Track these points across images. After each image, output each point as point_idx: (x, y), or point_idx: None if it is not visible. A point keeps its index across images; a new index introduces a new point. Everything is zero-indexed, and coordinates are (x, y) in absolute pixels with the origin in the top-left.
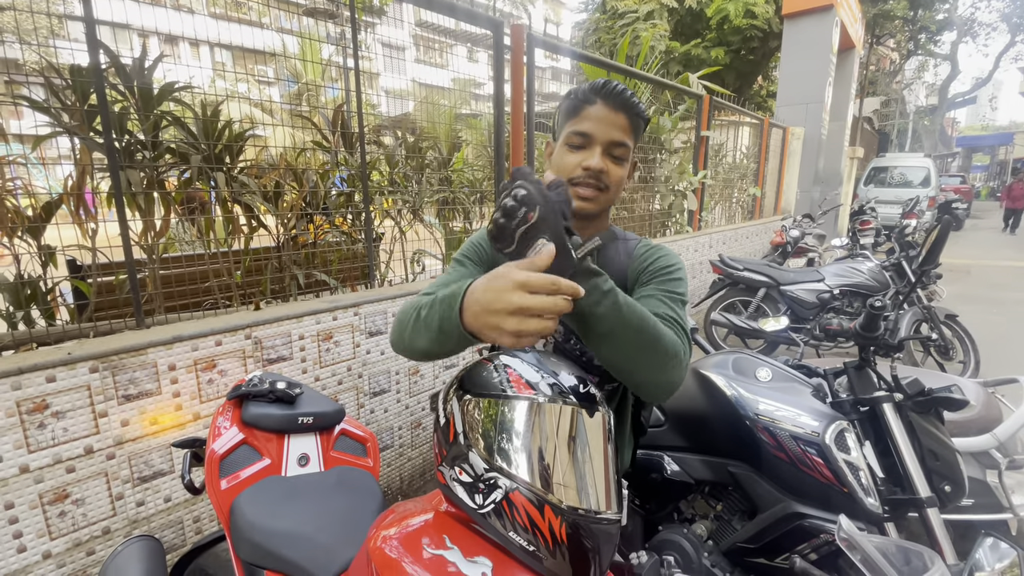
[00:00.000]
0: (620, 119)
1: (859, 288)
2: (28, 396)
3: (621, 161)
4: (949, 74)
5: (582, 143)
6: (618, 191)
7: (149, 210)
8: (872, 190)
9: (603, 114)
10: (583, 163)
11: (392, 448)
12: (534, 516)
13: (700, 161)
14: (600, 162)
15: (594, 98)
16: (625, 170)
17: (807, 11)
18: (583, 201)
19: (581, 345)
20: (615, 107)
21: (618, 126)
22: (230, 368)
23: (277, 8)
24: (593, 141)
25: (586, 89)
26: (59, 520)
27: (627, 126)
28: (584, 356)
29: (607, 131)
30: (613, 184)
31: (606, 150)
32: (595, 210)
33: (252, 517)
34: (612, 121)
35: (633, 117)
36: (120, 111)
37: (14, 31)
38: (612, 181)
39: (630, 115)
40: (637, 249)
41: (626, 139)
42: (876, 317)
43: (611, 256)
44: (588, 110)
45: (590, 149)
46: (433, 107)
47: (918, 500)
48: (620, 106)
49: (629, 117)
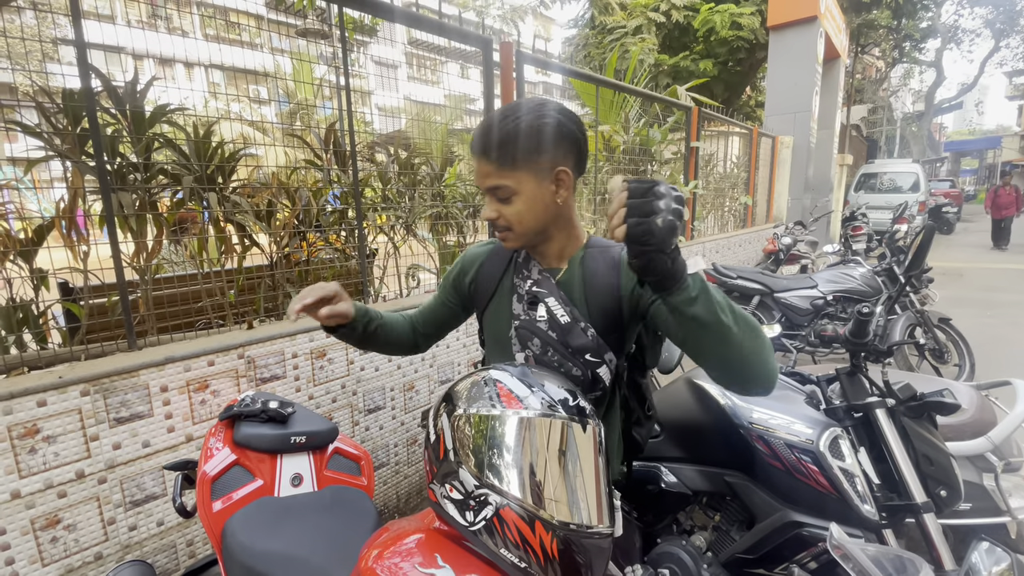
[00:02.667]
0: (484, 166)
1: (852, 294)
2: (19, 421)
3: (508, 199)
4: (935, 80)
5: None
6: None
7: (141, 231)
8: (862, 196)
9: (476, 167)
10: (484, 215)
11: (388, 466)
12: (525, 532)
13: (691, 171)
14: (488, 211)
15: (472, 150)
16: (521, 203)
17: (792, 23)
18: (503, 241)
19: (559, 357)
20: (478, 157)
21: (485, 173)
22: (223, 388)
23: (269, 30)
24: (483, 191)
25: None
26: (51, 546)
27: (493, 170)
28: (562, 368)
29: (482, 181)
30: (512, 222)
31: (492, 196)
32: (515, 246)
33: (244, 539)
34: (481, 171)
35: (498, 155)
36: (112, 134)
37: (6, 56)
38: (509, 220)
39: (493, 155)
40: (623, 256)
41: (498, 181)
42: (865, 323)
43: (594, 269)
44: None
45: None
46: (426, 123)
47: (914, 506)
48: (480, 153)
49: (493, 159)
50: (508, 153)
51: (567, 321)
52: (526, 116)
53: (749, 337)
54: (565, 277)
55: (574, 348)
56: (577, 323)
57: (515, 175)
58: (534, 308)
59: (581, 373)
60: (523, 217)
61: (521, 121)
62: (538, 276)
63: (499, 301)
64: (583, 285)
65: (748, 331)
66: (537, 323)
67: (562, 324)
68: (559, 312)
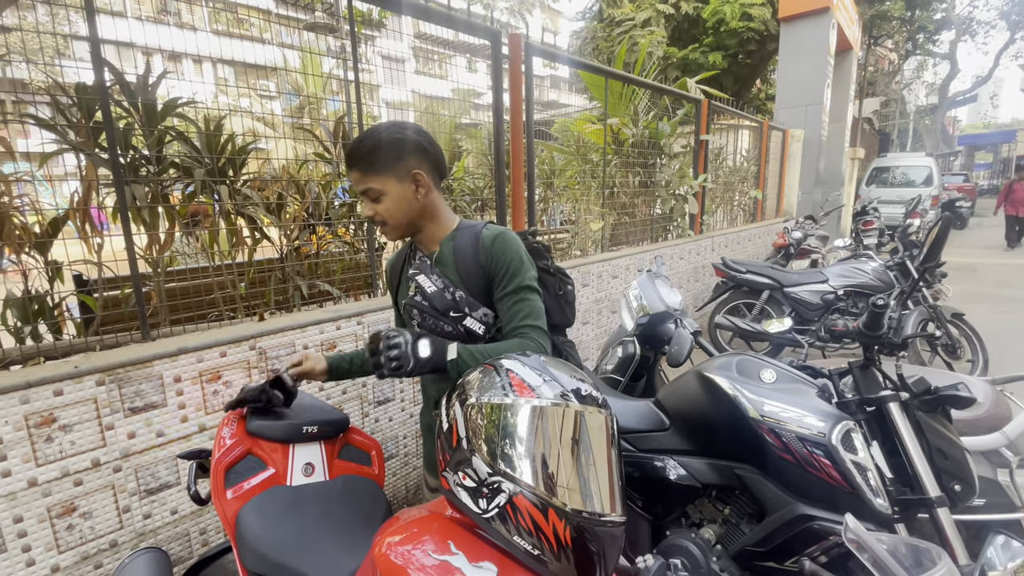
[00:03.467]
0: (355, 174)
1: (864, 288)
2: (36, 410)
3: (378, 199)
4: (949, 73)
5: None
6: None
7: (154, 224)
8: (874, 190)
9: (350, 176)
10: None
11: (397, 457)
12: (538, 520)
13: (700, 165)
14: (366, 210)
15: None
16: (389, 200)
17: (803, 14)
18: (383, 235)
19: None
20: (350, 168)
21: (357, 179)
22: (235, 379)
23: (279, 24)
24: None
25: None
26: (67, 533)
27: (361, 176)
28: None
29: (357, 186)
30: (385, 217)
31: (367, 198)
32: (393, 238)
33: (257, 527)
34: (353, 178)
35: (362, 166)
36: (125, 127)
37: (21, 52)
38: (384, 216)
39: (358, 166)
40: (483, 237)
41: (367, 185)
42: (879, 315)
43: (461, 245)
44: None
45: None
46: (433, 117)
47: (928, 500)
48: (350, 166)
49: (358, 168)
50: (371, 161)
51: (433, 290)
52: (384, 132)
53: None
54: (439, 256)
55: (440, 309)
56: (443, 290)
57: (379, 179)
58: (411, 287)
59: (452, 328)
60: (392, 212)
61: (380, 136)
62: (418, 261)
63: (403, 290)
64: (454, 259)
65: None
66: (414, 298)
67: (429, 293)
68: (426, 284)
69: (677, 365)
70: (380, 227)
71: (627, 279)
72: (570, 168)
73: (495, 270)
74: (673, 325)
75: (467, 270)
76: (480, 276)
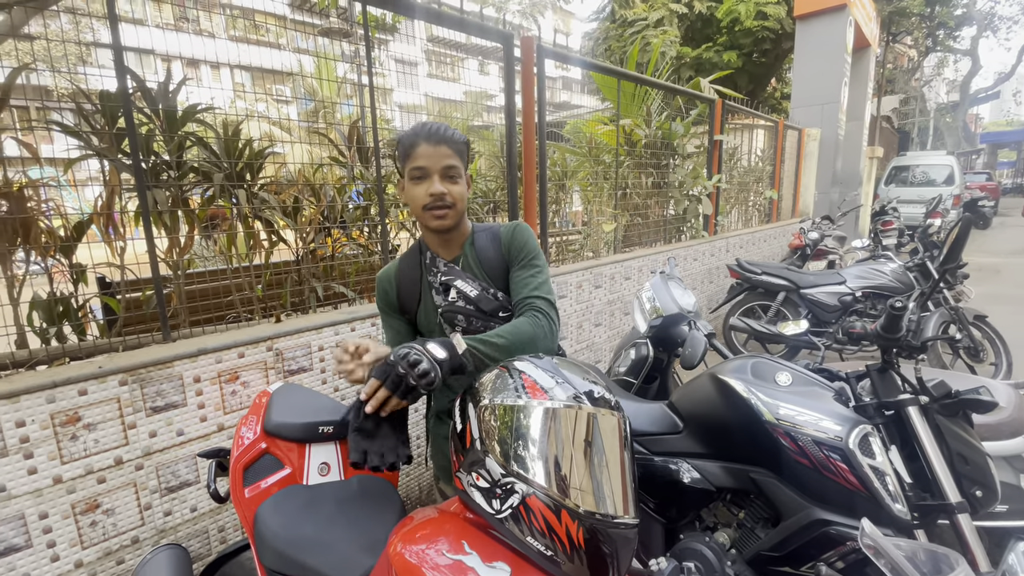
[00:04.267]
0: (443, 149)
1: (882, 290)
2: (61, 409)
3: (457, 179)
4: (970, 70)
5: (422, 175)
6: (463, 203)
7: (174, 227)
8: (893, 190)
9: (429, 151)
10: (428, 191)
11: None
12: (551, 521)
13: (714, 165)
14: (440, 186)
15: (419, 140)
16: (462, 186)
17: (820, 11)
18: (439, 220)
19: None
20: (435, 142)
21: (443, 154)
22: (252, 380)
23: (293, 29)
24: (429, 172)
25: (411, 134)
26: (90, 529)
27: (449, 152)
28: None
29: (438, 161)
30: (457, 199)
31: (443, 175)
32: (450, 224)
33: (275, 525)
34: (438, 152)
35: (451, 143)
36: (146, 133)
37: (46, 60)
38: (456, 198)
39: (448, 143)
40: (502, 231)
41: (453, 162)
42: (898, 318)
43: (484, 246)
44: (418, 151)
45: (429, 179)
46: (446, 120)
47: (948, 506)
48: (439, 140)
49: (449, 145)
50: (455, 146)
51: (476, 293)
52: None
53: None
54: (464, 261)
55: (488, 311)
56: (485, 292)
57: (461, 163)
58: (448, 293)
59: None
60: (463, 196)
61: (455, 130)
62: (444, 268)
63: (424, 299)
64: (479, 262)
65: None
66: (455, 303)
67: (473, 297)
68: (467, 288)
69: (691, 367)
70: (443, 210)
71: (640, 281)
72: (582, 169)
73: (514, 254)
74: (687, 327)
75: (493, 269)
76: (505, 272)
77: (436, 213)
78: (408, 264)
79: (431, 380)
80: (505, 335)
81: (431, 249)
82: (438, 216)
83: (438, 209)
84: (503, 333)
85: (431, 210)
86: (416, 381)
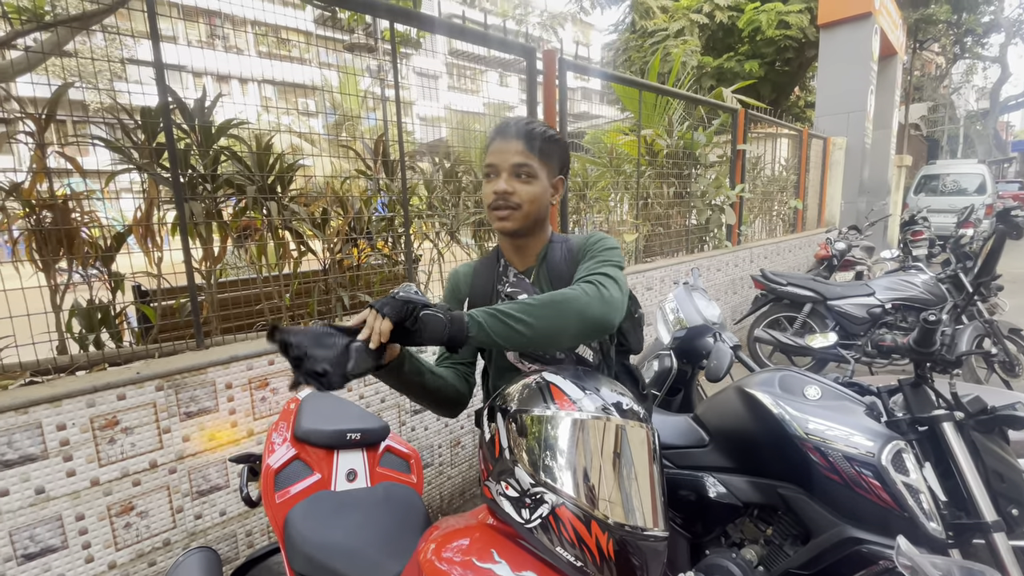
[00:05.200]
0: (516, 145)
1: (913, 302)
2: (101, 413)
3: (529, 179)
4: (1000, 77)
5: (491, 172)
6: (535, 206)
7: (208, 238)
8: (923, 199)
9: (502, 146)
10: (493, 189)
11: (432, 466)
12: (581, 532)
13: (737, 175)
14: (506, 184)
15: (496, 135)
16: (537, 187)
17: (844, 20)
18: (500, 221)
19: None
20: (509, 138)
21: (515, 151)
22: (281, 387)
23: (317, 46)
24: (499, 169)
25: (493, 129)
26: (124, 531)
27: (523, 149)
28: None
29: (508, 158)
30: (525, 201)
31: (512, 173)
32: (514, 227)
33: (305, 531)
34: (509, 149)
35: (529, 141)
36: (184, 147)
37: (86, 77)
38: (523, 198)
39: (525, 140)
40: (577, 243)
41: (526, 160)
42: (931, 331)
43: (557, 259)
44: (492, 147)
45: (498, 177)
46: (467, 132)
47: (984, 525)
48: (513, 136)
49: (525, 142)
50: (536, 143)
51: None
52: (548, 127)
53: (552, 319)
54: (535, 275)
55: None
56: None
57: (537, 162)
58: None
59: (564, 355)
60: (534, 199)
61: (546, 128)
62: (514, 279)
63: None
64: (548, 277)
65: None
66: None
67: None
68: None
69: (717, 380)
70: (506, 210)
71: (662, 291)
72: (603, 179)
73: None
74: (712, 339)
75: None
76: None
77: (498, 213)
78: (485, 267)
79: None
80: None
81: (505, 256)
82: (500, 217)
83: (501, 209)
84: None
85: (494, 210)
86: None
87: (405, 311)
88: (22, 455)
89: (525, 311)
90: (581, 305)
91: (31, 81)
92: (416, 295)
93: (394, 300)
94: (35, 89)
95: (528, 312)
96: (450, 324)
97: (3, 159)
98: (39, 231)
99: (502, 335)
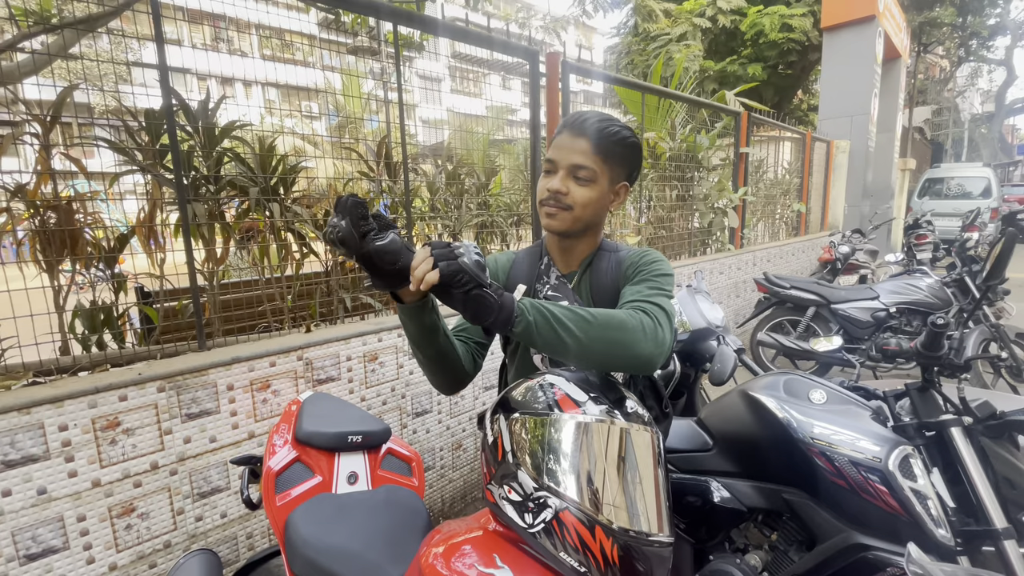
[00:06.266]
0: (580, 143)
1: (918, 306)
2: (102, 414)
3: (586, 182)
4: (1005, 79)
5: (551, 168)
6: (588, 210)
7: (211, 240)
8: (927, 203)
9: (566, 142)
10: (547, 186)
11: (434, 469)
12: (584, 536)
13: (740, 178)
14: (560, 184)
15: (562, 129)
16: (594, 191)
17: (847, 23)
18: (547, 218)
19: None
20: (576, 134)
21: (578, 150)
22: (283, 388)
23: (321, 48)
24: (557, 166)
25: (563, 121)
26: (125, 533)
27: (588, 149)
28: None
29: (568, 156)
30: (577, 204)
31: (569, 173)
32: (560, 228)
33: (306, 533)
34: (573, 147)
35: (597, 141)
36: (187, 149)
37: (91, 79)
38: (575, 201)
39: (593, 139)
40: (627, 257)
41: (586, 162)
42: (939, 335)
43: (603, 269)
44: (556, 140)
45: (555, 174)
46: (469, 135)
47: (993, 531)
48: (580, 132)
49: (592, 141)
50: (604, 144)
51: None
52: (623, 128)
53: (603, 343)
54: (576, 281)
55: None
56: None
57: (600, 164)
58: None
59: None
60: (588, 203)
61: (620, 128)
62: (555, 282)
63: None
64: (590, 285)
65: (599, 334)
66: None
67: None
68: None
69: (721, 383)
70: (556, 208)
71: None
72: None
73: (632, 273)
74: (715, 342)
75: (603, 300)
76: (615, 303)
77: (547, 210)
78: (527, 261)
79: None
80: (595, 312)
81: (550, 254)
82: (548, 214)
83: (549, 207)
84: (601, 315)
85: (544, 206)
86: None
87: (457, 281)
88: (24, 455)
89: (579, 325)
90: (636, 339)
91: (37, 83)
92: (477, 258)
93: (455, 262)
94: (41, 91)
95: (582, 326)
96: (499, 311)
97: (9, 161)
98: (43, 232)
99: (546, 339)
